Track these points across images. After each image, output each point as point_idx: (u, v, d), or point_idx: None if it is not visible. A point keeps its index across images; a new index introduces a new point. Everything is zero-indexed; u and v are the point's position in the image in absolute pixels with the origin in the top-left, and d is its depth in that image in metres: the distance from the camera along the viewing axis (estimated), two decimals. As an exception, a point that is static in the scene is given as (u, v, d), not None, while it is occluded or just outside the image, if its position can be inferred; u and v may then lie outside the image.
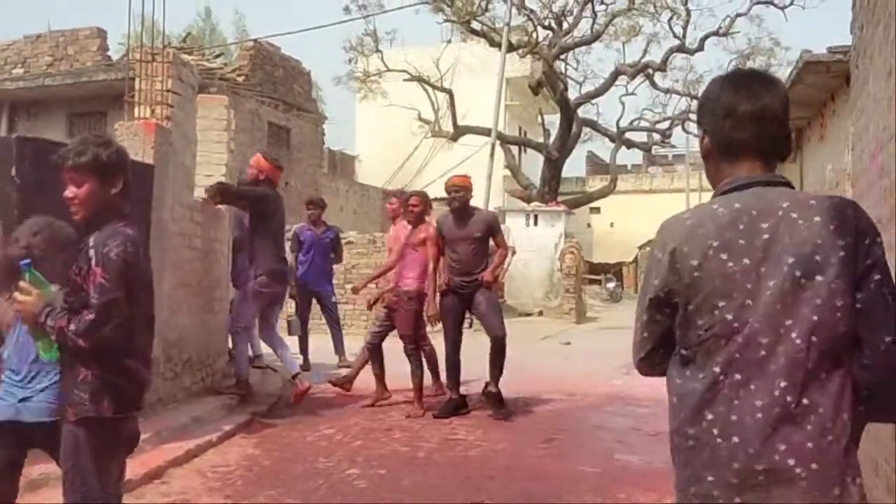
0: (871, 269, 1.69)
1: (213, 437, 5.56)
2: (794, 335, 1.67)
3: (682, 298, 1.78)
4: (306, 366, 9.09)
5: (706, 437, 1.72)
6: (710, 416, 1.72)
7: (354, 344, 9.23)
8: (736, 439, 1.69)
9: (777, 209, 1.73)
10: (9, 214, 4.67)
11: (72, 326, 2.54)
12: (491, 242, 7.07)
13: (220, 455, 5.20)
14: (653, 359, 1.91)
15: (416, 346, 7.10)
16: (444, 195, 7.01)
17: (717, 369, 1.72)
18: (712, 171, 1.93)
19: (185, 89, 6.82)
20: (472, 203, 7.14)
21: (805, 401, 1.66)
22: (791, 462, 1.65)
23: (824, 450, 1.65)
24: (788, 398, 1.66)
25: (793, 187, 1.85)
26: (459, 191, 6.89)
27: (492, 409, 6.87)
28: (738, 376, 1.70)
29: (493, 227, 7.01)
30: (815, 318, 1.66)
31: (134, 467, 4.75)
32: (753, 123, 1.82)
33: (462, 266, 6.87)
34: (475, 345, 7.64)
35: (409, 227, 7.23)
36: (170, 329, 6.19)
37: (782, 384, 1.67)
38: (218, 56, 22.08)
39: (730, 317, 1.72)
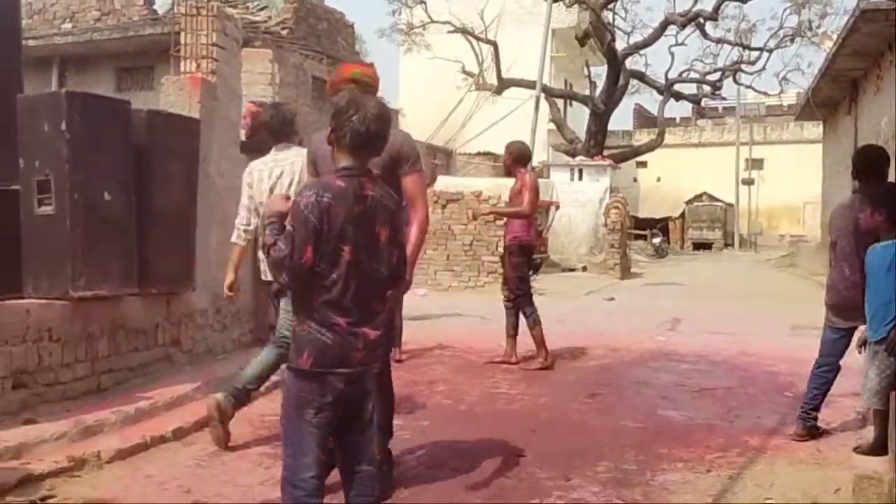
0: None
1: (262, 388, 5.67)
2: None
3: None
4: None
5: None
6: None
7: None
8: None
9: None
10: (60, 168, 4.76)
11: (270, 247, 2.67)
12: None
13: (268, 404, 5.30)
14: None
15: (516, 299, 7.06)
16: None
17: None
18: None
19: (229, 43, 6.83)
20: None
21: None
22: None
23: None
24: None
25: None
26: (368, 88, 3.71)
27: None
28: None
29: (400, 158, 3.76)
30: None
31: (185, 415, 4.90)
32: None
33: None
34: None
35: None
36: (218, 282, 6.28)
37: None
38: (262, 9, 22.03)
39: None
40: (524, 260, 7.11)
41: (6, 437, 4.02)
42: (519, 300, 7.06)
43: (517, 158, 7.09)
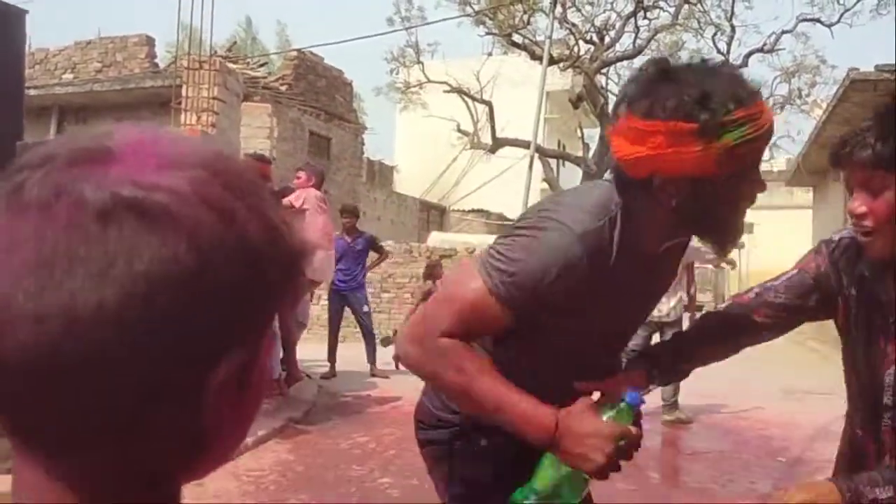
0: None
1: (248, 441, 5.59)
2: None
3: None
4: (332, 372, 9.12)
5: None
6: None
7: (388, 353, 9.28)
8: None
9: None
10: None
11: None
12: None
13: (254, 459, 5.24)
14: None
15: None
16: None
17: None
18: None
19: (229, 97, 6.93)
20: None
21: None
22: None
23: None
24: None
25: None
26: None
27: None
28: None
29: None
30: None
31: (170, 468, 4.82)
32: None
33: None
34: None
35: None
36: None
37: None
38: (262, 65, 22.36)
39: None
40: None
41: (-12, 487, 3.94)
42: None
43: None
